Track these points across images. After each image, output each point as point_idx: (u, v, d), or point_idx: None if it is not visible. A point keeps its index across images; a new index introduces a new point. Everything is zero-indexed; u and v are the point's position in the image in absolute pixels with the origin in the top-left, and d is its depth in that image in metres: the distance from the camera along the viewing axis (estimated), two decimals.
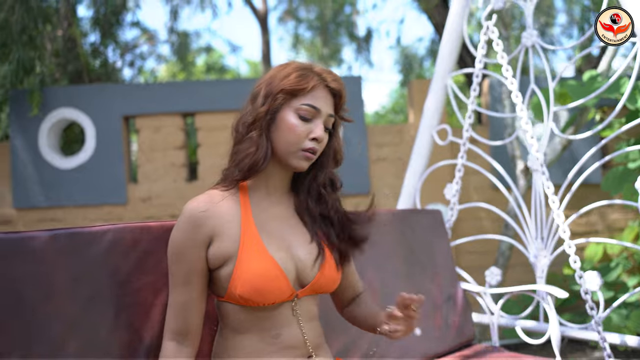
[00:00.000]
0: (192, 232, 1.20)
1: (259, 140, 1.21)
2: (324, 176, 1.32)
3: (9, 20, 4.40)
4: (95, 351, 1.25)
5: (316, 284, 1.25)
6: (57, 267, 1.26)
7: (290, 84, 1.21)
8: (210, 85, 4.78)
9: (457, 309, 2.18)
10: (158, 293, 1.36)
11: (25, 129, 4.35)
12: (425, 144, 2.73)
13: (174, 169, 4.45)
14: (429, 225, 2.29)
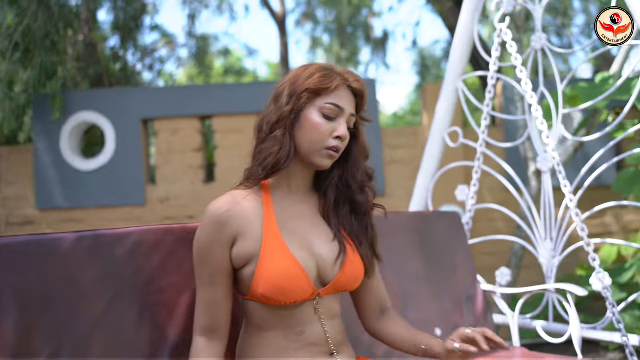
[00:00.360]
0: (216, 233, 1.21)
1: (283, 139, 1.22)
2: (360, 174, 1.33)
3: (32, 27, 4.47)
4: (120, 349, 1.28)
5: (337, 282, 1.26)
6: (83, 268, 1.29)
7: (315, 83, 1.22)
8: (227, 88, 4.82)
9: (477, 309, 2.18)
10: (181, 293, 1.39)
11: (47, 132, 4.42)
12: (436, 146, 2.74)
13: (191, 170, 4.50)
14: (448, 227, 2.29)
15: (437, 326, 2.00)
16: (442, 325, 2.01)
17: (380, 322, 1.37)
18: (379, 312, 1.39)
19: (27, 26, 4.44)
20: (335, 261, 1.26)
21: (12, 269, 1.21)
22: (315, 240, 1.27)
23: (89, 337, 1.25)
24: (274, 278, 1.17)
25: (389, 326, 1.36)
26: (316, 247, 1.26)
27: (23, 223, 4.50)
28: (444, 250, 2.19)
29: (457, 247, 2.24)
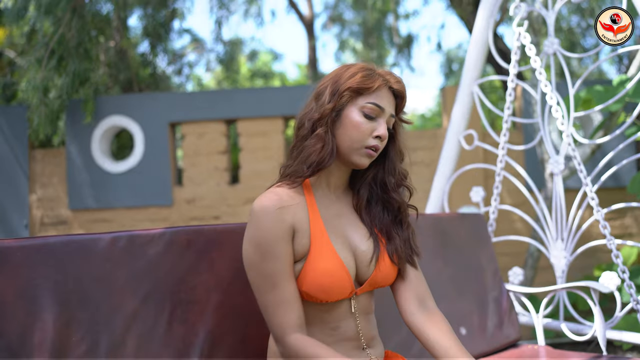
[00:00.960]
0: (279, 228, 1.18)
1: (325, 137, 1.21)
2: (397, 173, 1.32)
3: (66, 35, 4.57)
4: (153, 344, 1.31)
5: (373, 280, 1.26)
6: (118, 266, 1.32)
7: (357, 82, 1.22)
8: (251, 92, 4.86)
9: (502, 309, 2.17)
10: (211, 291, 1.41)
11: (79, 136, 4.52)
12: (452, 148, 2.73)
13: (217, 172, 4.55)
14: (472, 228, 2.28)
15: (462, 325, 2.00)
16: (466, 324, 2.00)
17: (418, 317, 1.28)
18: (418, 306, 1.30)
19: (61, 35, 4.54)
20: (371, 260, 1.26)
21: (52, 267, 1.24)
22: (355, 239, 1.27)
23: (123, 333, 1.28)
24: (319, 278, 1.17)
25: (426, 324, 1.26)
26: (355, 246, 1.26)
27: (56, 223, 4.60)
28: (467, 252, 2.18)
29: (481, 248, 2.23)
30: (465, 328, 2.00)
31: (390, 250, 1.28)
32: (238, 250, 1.49)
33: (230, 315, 1.43)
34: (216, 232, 1.46)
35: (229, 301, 1.43)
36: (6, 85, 5.67)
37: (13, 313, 1.18)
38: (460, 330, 1.98)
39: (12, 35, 5.70)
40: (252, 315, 1.45)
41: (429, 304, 1.30)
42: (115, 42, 5.60)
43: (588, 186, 2.16)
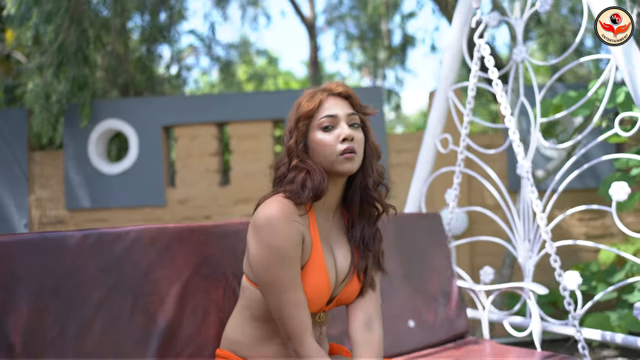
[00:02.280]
0: (295, 235, 1.26)
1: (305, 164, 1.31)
2: (375, 172, 1.37)
3: (65, 42, 4.74)
4: (116, 331, 1.46)
5: (339, 299, 1.39)
6: (87, 261, 1.47)
7: (304, 109, 1.33)
8: (242, 97, 5.02)
9: (451, 304, 2.30)
10: (172, 284, 1.56)
11: (76, 139, 4.69)
12: (429, 152, 2.86)
13: (208, 174, 4.70)
14: (429, 227, 2.41)
15: (411, 319, 2.14)
16: (415, 318, 2.15)
17: (359, 335, 1.38)
18: (363, 325, 1.39)
19: (61, 42, 4.71)
20: (343, 280, 1.38)
21: (28, 262, 1.40)
22: (339, 258, 1.38)
23: (90, 320, 1.43)
24: (308, 292, 1.29)
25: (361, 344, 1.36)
26: (338, 265, 1.37)
27: (54, 222, 4.77)
28: (423, 249, 2.31)
29: (436, 247, 2.37)
30: (414, 321, 2.15)
31: (359, 269, 1.39)
32: (198, 247, 1.64)
33: (188, 307, 1.57)
34: (178, 231, 1.61)
35: (188, 294, 1.58)
36: (8, 87, 5.85)
37: None
38: (408, 323, 2.13)
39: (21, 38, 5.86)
40: (208, 307, 1.61)
41: (374, 324, 1.40)
42: (112, 48, 5.77)
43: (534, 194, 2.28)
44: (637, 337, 2.06)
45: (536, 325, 2.08)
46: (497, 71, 2.41)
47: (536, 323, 2.08)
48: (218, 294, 1.63)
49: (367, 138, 1.39)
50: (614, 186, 2.08)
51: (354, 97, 1.38)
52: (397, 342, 2.07)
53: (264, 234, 1.25)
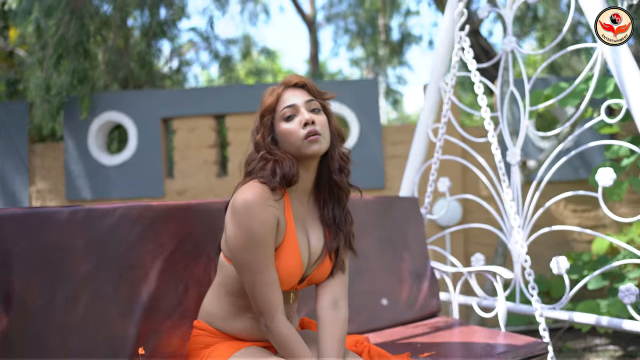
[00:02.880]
0: (270, 219, 1.33)
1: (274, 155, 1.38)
2: (337, 154, 1.44)
3: (65, 36, 4.80)
4: (102, 301, 1.53)
5: (310, 279, 1.47)
6: (76, 235, 1.54)
7: (265, 105, 1.43)
8: (239, 89, 5.07)
9: (424, 285, 2.36)
10: (155, 258, 1.63)
11: (76, 131, 4.75)
12: (422, 141, 2.90)
13: (206, 165, 4.76)
14: (405, 211, 2.46)
15: (384, 297, 2.22)
16: (388, 296, 2.23)
17: (325, 313, 1.45)
18: (330, 304, 1.47)
19: (61, 35, 4.77)
20: (316, 261, 1.45)
21: (19, 234, 1.47)
22: (312, 240, 1.45)
23: (78, 290, 1.51)
24: (281, 271, 1.37)
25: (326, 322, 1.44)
26: (311, 247, 1.45)
27: None
28: (398, 232, 2.37)
29: (412, 229, 2.43)
30: (387, 299, 2.22)
31: (330, 249, 1.46)
32: (181, 223, 1.71)
33: (170, 280, 1.65)
34: (162, 209, 1.68)
35: (170, 268, 1.65)
36: (9, 81, 5.91)
37: None
38: (382, 300, 2.20)
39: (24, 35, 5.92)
40: (189, 281, 1.68)
41: (341, 304, 1.48)
42: (113, 42, 5.82)
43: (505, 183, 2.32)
44: (622, 320, 2.09)
45: (501, 307, 2.13)
46: (476, 63, 2.46)
47: (501, 305, 2.13)
48: (198, 269, 1.71)
49: (330, 122, 1.45)
50: (600, 172, 2.13)
51: (310, 85, 1.45)
52: (371, 318, 2.14)
53: (240, 217, 1.31)
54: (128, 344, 1.55)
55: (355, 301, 2.07)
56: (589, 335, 4.17)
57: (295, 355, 1.33)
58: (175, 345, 1.63)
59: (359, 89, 4.70)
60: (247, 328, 1.45)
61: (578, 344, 3.97)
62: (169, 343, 1.62)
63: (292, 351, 1.33)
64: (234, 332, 1.46)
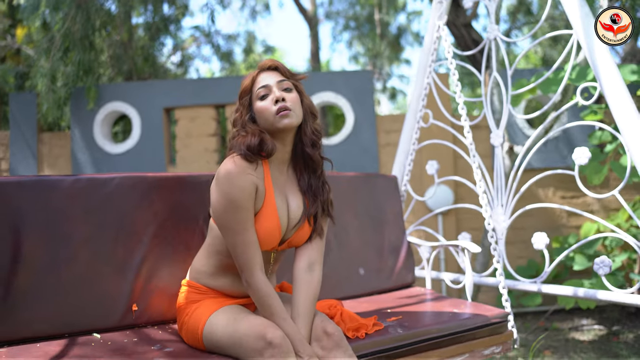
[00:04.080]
0: (248, 186, 1.45)
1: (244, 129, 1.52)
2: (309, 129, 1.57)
3: (72, 29, 4.89)
4: (99, 261, 1.66)
5: (290, 242, 1.59)
6: (77, 201, 1.68)
7: (242, 87, 1.58)
8: (238, 80, 5.15)
9: (400, 257, 2.47)
10: (148, 224, 1.76)
11: (82, 121, 4.85)
12: (411, 126, 2.98)
13: (207, 153, 4.85)
14: (384, 188, 2.57)
15: (361, 267, 2.33)
16: (365, 266, 2.35)
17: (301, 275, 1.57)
18: (306, 267, 1.59)
19: (67, 29, 4.86)
20: (295, 225, 1.58)
21: (27, 199, 1.60)
22: (292, 205, 1.58)
23: (78, 249, 1.64)
24: (260, 232, 1.49)
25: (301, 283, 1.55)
26: (290, 213, 1.57)
27: None
28: (377, 207, 2.48)
29: (390, 206, 2.54)
30: (364, 269, 2.33)
31: (310, 212, 1.59)
32: (173, 193, 1.84)
33: (162, 244, 1.78)
34: (156, 179, 1.81)
35: (162, 233, 1.78)
36: (18, 73, 6.02)
37: None
38: (359, 270, 2.32)
39: (31, 33, 6.03)
40: (179, 245, 1.81)
41: (316, 268, 1.59)
42: (118, 36, 5.91)
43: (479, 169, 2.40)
44: (597, 290, 2.16)
45: (468, 279, 2.23)
46: (464, 52, 2.52)
47: (468, 277, 2.23)
48: (188, 235, 1.83)
49: (302, 101, 1.59)
50: (576, 151, 2.19)
51: (281, 67, 1.59)
52: (348, 286, 2.26)
53: (222, 185, 1.46)
54: (122, 301, 1.68)
55: (333, 269, 2.20)
56: (576, 316, 4.25)
57: (270, 309, 1.45)
58: (165, 304, 1.75)
59: (354, 80, 4.78)
60: (231, 283, 1.58)
61: (565, 324, 4.04)
62: (160, 302, 1.75)
63: (268, 306, 1.45)
64: (219, 287, 1.59)
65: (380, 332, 1.70)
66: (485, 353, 1.93)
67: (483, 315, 1.94)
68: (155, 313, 1.73)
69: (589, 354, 3.21)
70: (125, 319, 1.67)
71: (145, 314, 1.70)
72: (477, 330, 1.90)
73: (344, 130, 4.74)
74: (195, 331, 1.50)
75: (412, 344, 1.74)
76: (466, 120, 2.51)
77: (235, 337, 1.41)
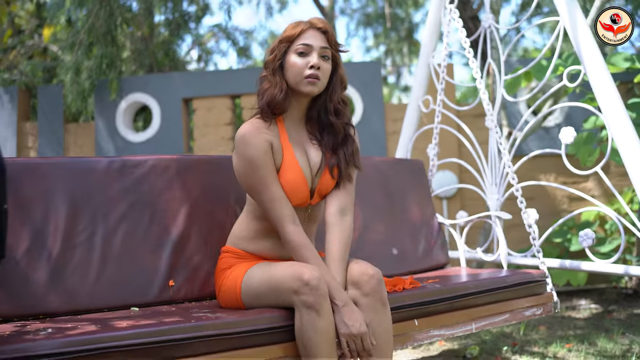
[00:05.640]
0: (261, 144, 1.47)
1: (273, 79, 1.52)
2: (336, 98, 1.55)
3: (95, 25, 5.01)
4: (135, 238, 1.70)
5: (320, 191, 1.58)
6: (113, 181, 1.71)
7: (286, 34, 1.54)
8: (253, 71, 5.24)
9: (432, 237, 2.46)
10: (182, 203, 1.79)
11: (106, 111, 4.97)
12: (413, 112, 3.05)
13: (223, 141, 4.95)
14: (412, 171, 2.57)
15: (394, 247, 2.31)
16: (397, 246, 2.33)
17: (332, 219, 1.56)
18: (337, 212, 1.57)
19: (91, 24, 4.97)
20: (317, 172, 1.57)
21: (66, 178, 1.64)
22: (311, 155, 1.58)
23: (114, 227, 1.67)
24: (286, 185, 1.51)
25: (334, 227, 1.55)
26: (310, 161, 1.57)
27: None
28: (406, 189, 2.48)
29: (418, 188, 2.53)
30: (397, 249, 2.32)
31: (331, 165, 1.58)
32: (205, 174, 1.85)
33: (196, 221, 1.80)
34: (188, 160, 1.84)
35: (195, 211, 1.80)
36: (45, 68, 6.15)
37: (38, 208, 1.59)
38: (392, 250, 2.29)
39: (57, 33, 6.14)
40: (212, 223, 1.82)
41: (347, 213, 1.59)
42: (140, 31, 6.02)
43: (502, 145, 2.47)
44: (581, 262, 2.25)
45: (503, 249, 2.28)
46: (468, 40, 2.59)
47: (502, 246, 2.27)
48: (221, 214, 1.85)
49: (336, 70, 1.58)
50: (563, 130, 2.25)
51: (331, 34, 1.56)
52: (382, 266, 2.21)
53: (238, 147, 1.50)
54: (159, 277, 1.70)
55: (366, 250, 2.16)
56: (575, 297, 4.33)
57: (304, 258, 1.45)
58: (201, 280, 1.77)
59: (362, 71, 4.85)
60: (271, 247, 1.58)
61: (564, 304, 4.12)
62: (195, 277, 1.76)
63: (301, 256, 1.45)
64: (258, 251, 1.59)
65: (417, 288, 1.69)
66: (526, 314, 1.91)
67: (521, 273, 1.94)
68: (192, 289, 1.74)
69: (581, 329, 3.30)
70: (163, 295, 1.68)
71: (182, 290, 1.72)
72: (515, 287, 1.88)
73: (353, 119, 4.82)
74: (234, 290, 1.49)
75: (450, 298, 1.72)
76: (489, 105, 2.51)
77: (272, 282, 1.40)
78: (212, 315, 1.40)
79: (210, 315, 1.40)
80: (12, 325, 1.41)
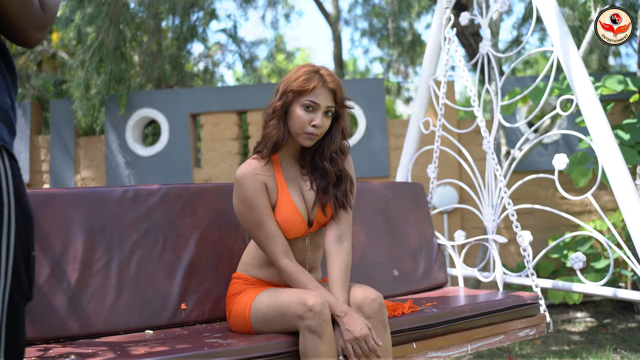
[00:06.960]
0: (258, 186, 1.58)
1: (278, 126, 1.59)
2: (334, 147, 1.62)
3: (105, 42, 5.10)
4: (149, 264, 1.77)
5: (319, 221, 1.65)
6: (127, 209, 1.78)
7: (298, 85, 1.57)
8: (259, 88, 5.33)
9: (432, 258, 2.52)
10: (193, 230, 1.86)
11: (115, 125, 5.06)
12: (414, 132, 3.12)
13: (230, 156, 5.04)
14: (412, 194, 2.63)
15: (395, 268, 2.37)
16: (399, 268, 2.39)
17: (332, 247, 1.63)
18: (335, 240, 1.65)
19: (101, 41, 5.07)
20: (313, 206, 1.65)
21: (83, 208, 1.71)
22: (304, 192, 1.65)
23: (129, 255, 1.75)
24: (282, 222, 1.60)
25: (333, 255, 1.63)
26: (305, 196, 1.65)
27: None
28: (406, 212, 2.54)
29: (418, 210, 2.59)
30: (398, 270, 2.39)
31: (322, 203, 1.65)
32: (215, 201, 1.92)
33: (206, 247, 1.87)
34: (198, 189, 1.91)
35: (206, 237, 1.88)
36: (56, 82, 6.25)
37: (56, 237, 1.67)
38: (393, 272, 2.36)
39: (64, 38, 6.24)
40: (223, 248, 1.90)
41: (344, 239, 1.66)
42: (148, 46, 6.12)
43: (498, 171, 2.54)
44: (572, 283, 2.31)
45: (498, 271, 2.35)
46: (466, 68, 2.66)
47: (498, 268, 2.35)
48: (230, 240, 1.92)
49: (338, 122, 1.64)
50: (556, 157, 2.33)
51: (339, 93, 1.61)
52: (383, 288, 2.25)
53: (236, 189, 1.61)
54: (172, 300, 1.77)
55: (368, 272, 2.23)
56: (572, 310, 4.38)
57: (301, 284, 1.54)
58: (212, 303, 1.84)
59: (366, 87, 4.94)
60: (278, 274, 1.65)
61: (560, 317, 4.18)
62: (206, 300, 1.83)
63: (299, 282, 1.54)
64: (266, 278, 1.68)
65: (415, 312, 1.76)
66: (520, 335, 1.98)
67: (515, 296, 2.01)
68: (203, 312, 1.81)
69: (575, 343, 3.35)
70: (175, 318, 1.76)
71: (193, 313, 1.79)
72: (509, 310, 1.95)
73: (356, 134, 4.89)
74: (243, 314, 1.57)
75: (447, 322, 1.79)
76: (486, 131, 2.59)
77: (279, 307, 1.48)
78: (224, 342, 1.47)
79: (222, 342, 1.47)
80: (35, 348, 1.49)
